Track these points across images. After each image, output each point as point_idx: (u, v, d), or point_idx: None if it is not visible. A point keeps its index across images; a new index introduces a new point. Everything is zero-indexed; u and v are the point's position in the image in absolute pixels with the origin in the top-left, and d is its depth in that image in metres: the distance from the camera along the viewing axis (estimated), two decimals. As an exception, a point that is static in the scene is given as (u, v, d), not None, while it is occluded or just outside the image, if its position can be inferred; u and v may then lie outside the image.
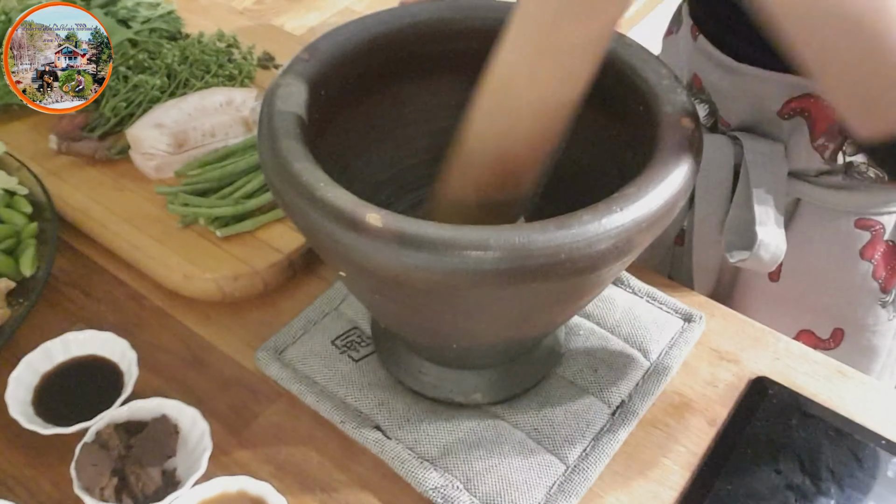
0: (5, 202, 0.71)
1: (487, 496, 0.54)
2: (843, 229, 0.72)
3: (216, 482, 0.52)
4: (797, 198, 0.72)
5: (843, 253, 0.73)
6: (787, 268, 0.75)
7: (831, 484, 0.55)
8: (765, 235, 0.68)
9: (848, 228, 0.71)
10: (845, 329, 0.77)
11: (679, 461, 0.57)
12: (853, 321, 0.76)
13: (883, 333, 0.77)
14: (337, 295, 0.67)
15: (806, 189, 0.71)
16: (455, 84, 0.60)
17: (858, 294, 0.74)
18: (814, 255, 0.74)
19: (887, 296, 0.74)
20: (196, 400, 0.60)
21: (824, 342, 0.78)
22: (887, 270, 0.73)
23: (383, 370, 0.61)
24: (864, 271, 0.73)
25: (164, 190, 0.73)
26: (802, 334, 0.78)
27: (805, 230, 0.73)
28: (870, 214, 0.71)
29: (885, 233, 0.72)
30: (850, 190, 0.70)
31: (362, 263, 0.43)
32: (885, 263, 0.73)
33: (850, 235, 0.72)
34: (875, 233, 0.71)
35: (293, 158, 0.45)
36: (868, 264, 0.73)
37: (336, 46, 0.54)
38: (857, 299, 0.75)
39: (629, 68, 0.52)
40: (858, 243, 0.72)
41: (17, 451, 0.58)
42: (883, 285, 0.74)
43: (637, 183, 0.44)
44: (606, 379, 0.61)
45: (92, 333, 0.62)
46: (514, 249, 0.40)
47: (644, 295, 0.67)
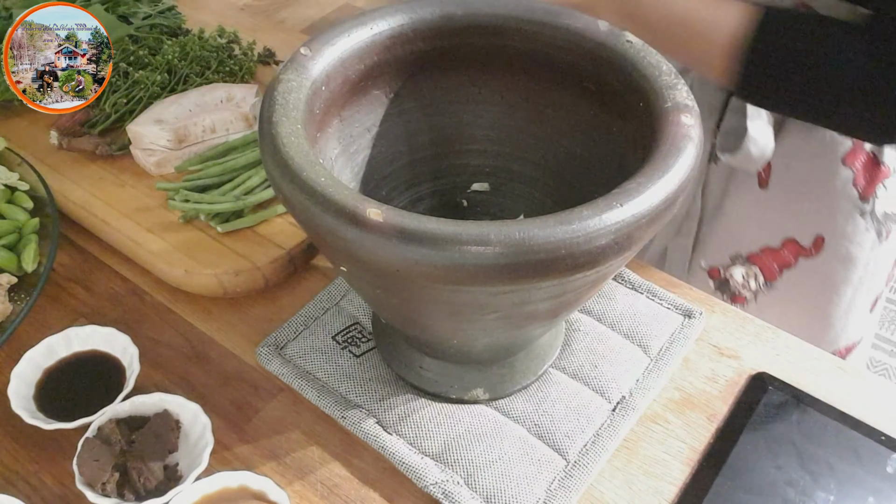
0: (6, 198, 0.71)
1: (488, 491, 0.54)
2: (827, 137, 0.76)
3: (217, 477, 0.52)
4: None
5: (826, 160, 0.77)
6: (775, 175, 0.80)
7: (831, 479, 0.56)
8: (754, 131, 0.74)
9: (832, 136, 0.76)
10: (825, 236, 0.81)
11: (679, 457, 0.57)
12: (833, 228, 0.81)
13: (860, 244, 0.81)
14: (338, 290, 0.67)
15: None
16: (457, 80, 0.60)
17: (839, 201, 0.79)
18: (800, 163, 0.79)
19: (866, 205, 0.79)
20: (197, 395, 0.60)
21: (806, 250, 0.82)
22: (866, 179, 0.78)
23: (384, 366, 0.62)
24: (844, 178, 0.78)
25: (164, 186, 0.73)
26: (787, 243, 0.83)
27: (793, 139, 0.78)
28: None
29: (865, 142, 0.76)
30: None
31: (363, 259, 0.43)
32: (864, 172, 0.77)
33: (834, 142, 0.77)
34: (856, 142, 0.76)
35: (294, 154, 0.45)
36: (849, 171, 0.77)
37: (337, 42, 0.54)
38: (838, 206, 0.79)
39: (629, 65, 0.52)
40: (841, 150, 0.77)
41: (20, 446, 0.58)
42: (862, 193, 0.78)
43: (637, 178, 0.44)
44: (607, 375, 0.61)
45: (93, 329, 0.62)
46: (515, 245, 0.40)
47: (644, 291, 0.67)
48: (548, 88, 0.58)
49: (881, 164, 0.78)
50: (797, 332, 0.86)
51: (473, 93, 0.61)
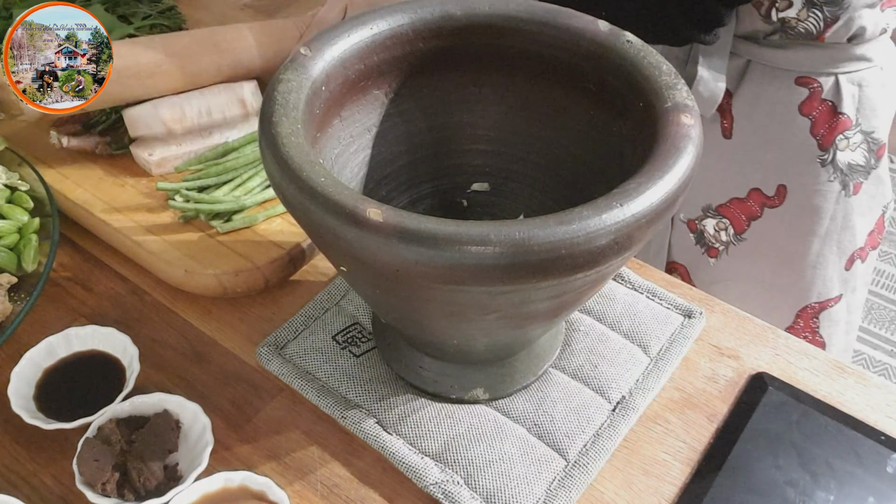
0: (7, 198, 0.71)
1: (488, 491, 0.54)
2: (784, 86, 0.81)
3: (218, 477, 0.52)
4: (748, 59, 0.81)
5: (784, 109, 0.81)
6: (737, 126, 0.84)
7: (831, 479, 0.56)
8: (704, 73, 0.79)
9: (789, 85, 0.80)
10: (788, 185, 0.84)
11: (679, 457, 0.57)
12: (795, 177, 0.84)
13: (824, 194, 0.84)
14: (338, 290, 0.67)
15: (754, 50, 0.81)
16: (457, 80, 0.60)
17: (798, 149, 0.82)
18: (760, 113, 0.82)
19: (825, 154, 0.82)
20: (197, 395, 0.60)
21: (770, 199, 0.85)
22: (825, 128, 0.81)
23: (384, 366, 0.62)
24: (802, 126, 0.81)
25: (165, 186, 0.73)
26: (752, 193, 0.86)
27: (753, 89, 0.82)
28: (807, 73, 0.80)
29: (822, 91, 0.80)
30: (787, 48, 0.79)
31: (363, 259, 0.43)
32: (822, 121, 0.81)
33: (791, 91, 0.81)
34: (813, 90, 0.80)
35: (294, 154, 0.45)
36: (806, 120, 0.81)
37: (337, 42, 0.54)
38: (798, 155, 0.83)
39: (629, 64, 0.52)
40: (798, 98, 0.81)
41: (19, 446, 0.58)
42: (820, 142, 0.81)
43: (637, 178, 0.44)
44: (607, 374, 0.61)
45: (93, 329, 0.62)
46: (515, 245, 0.40)
47: (644, 291, 0.67)
48: (548, 88, 0.58)
49: (840, 114, 0.80)
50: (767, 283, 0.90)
51: (473, 93, 0.61)
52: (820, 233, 0.86)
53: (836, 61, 0.79)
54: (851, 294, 0.93)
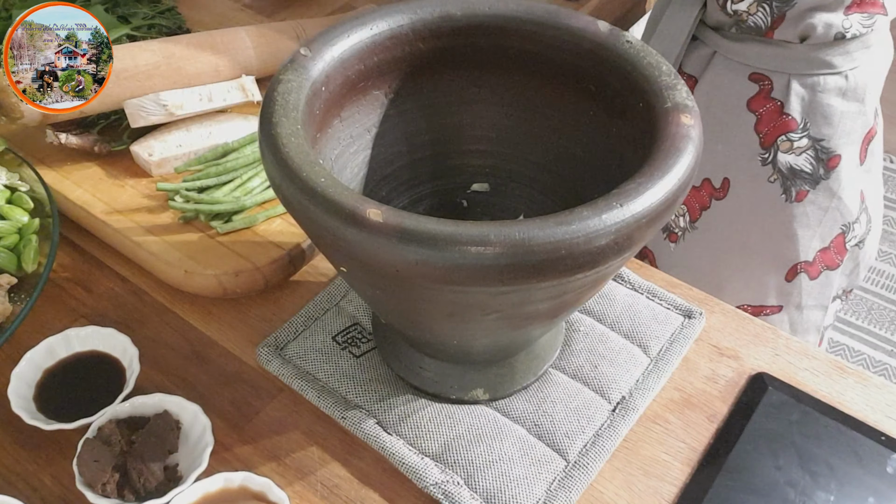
0: (6, 198, 0.71)
1: (488, 492, 0.54)
2: (739, 80, 0.82)
3: (218, 478, 0.52)
4: (714, 50, 0.83)
5: (735, 103, 0.83)
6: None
7: (831, 480, 0.56)
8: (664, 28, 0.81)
9: (743, 80, 0.82)
10: (731, 179, 0.86)
11: (679, 457, 0.57)
12: (737, 172, 0.86)
13: (763, 195, 0.86)
14: (338, 291, 0.67)
15: (718, 41, 0.83)
16: (457, 80, 0.60)
17: (742, 144, 0.84)
18: (716, 104, 0.84)
19: (766, 152, 0.83)
20: (197, 396, 0.60)
21: (717, 191, 0.87)
22: (769, 126, 0.82)
23: (384, 366, 0.62)
24: (747, 121, 0.82)
25: (164, 186, 0.73)
26: (705, 184, 0.89)
27: (714, 79, 0.84)
28: (761, 69, 0.81)
29: (772, 90, 0.81)
30: (742, 42, 0.81)
31: (363, 259, 0.43)
32: (767, 119, 0.82)
33: (743, 86, 0.82)
34: (763, 87, 0.82)
35: (294, 154, 0.45)
36: (752, 116, 0.82)
37: (336, 42, 0.54)
38: (741, 150, 0.84)
39: (629, 65, 0.52)
40: (748, 94, 0.82)
41: (20, 446, 0.58)
42: (762, 140, 0.83)
43: (637, 179, 0.44)
44: (607, 375, 0.61)
45: (93, 329, 0.62)
46: (515, 245, 0.40)
47: (644, 291, 0.67)
48: (547, 89, 0.58)
49: (785, 114, 0.81)
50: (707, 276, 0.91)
51: (473, 93, 0.61)
52: (757, 232, 0.87)
53: (789, 60, 0.79)
54: (796, 311, 0.91)
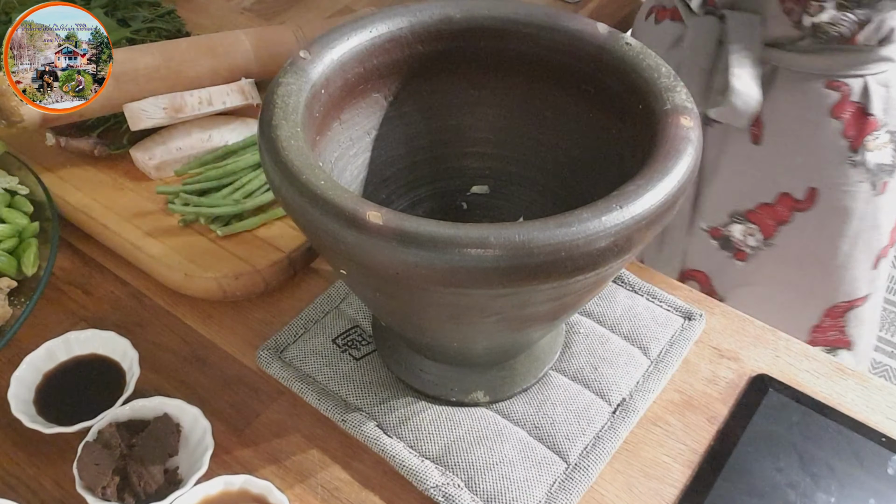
0: (6, 202, 0.71)
1: (488, 494, 0.54)
2: (814, 90, 0.80)
3: (218, 481, 0.52)
4: (775, 66, 0.81)
5: (815, 112, 0.81)
6: (767, 131, 0.83)
7: (831, 481, 0.56)
8: (738, 83, 0.78)
9: (819, 89, 0.80)
10: (819, 188, 0.84)
11: (680, 459, 0.57)
12: (825, 179, 0.84)
13: (854, 195, 0.84)
14: (337, 293, 0.67)
15: (782, 56, 0.80)
16: (456, 83, 0.60)
17: (829, 152, 0.82)
18: (790, 118, 0.82)
19: (856, 155, 0.82)
20: (198, 399, 0.60)
21: (800, 203, 0.85)
22: (855, 130, 0.81)
23: (384, 368, 0.62)
24: (833, 129, 0.81)
25: (164, 189, 0.73)
26: (782, 198, 0.86)
27: (782, 95, 0.82)
28: (837, 76, 0.80)
29: (851, 94, 0.80)
30: (818, 53, 0.79)
31: (363, 261, 0.43)
32: (853, 123, 0.81)
33: (821, 95, 0.80)
34: (843, 93, 0.80)
35: (294, 157, 0.45)
36: (838, 122, 0.81)
37: (336, 45, 0.54)
38: (828, 157, 0.83)
39: (629, 67, 0.52)
40: (828, 102, 0.80)
41: (20, 450, 0.58)
42: (851, 144, 0.81)
43: (636, 181, 0.44)
44: (607, 377, 0.61)
45: (93, 332, 0.62)
46: (515, 247, 0.40)
47: (644, 293, 0.67)
48: (547, 91, 0.58)
49: (869, 115, 0.80)
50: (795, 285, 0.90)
51: (473, 96, 0.61)
52: (849, 233, 0.86)
53: (865, 63, 0.79)
54: (876, 293, 0.93)
